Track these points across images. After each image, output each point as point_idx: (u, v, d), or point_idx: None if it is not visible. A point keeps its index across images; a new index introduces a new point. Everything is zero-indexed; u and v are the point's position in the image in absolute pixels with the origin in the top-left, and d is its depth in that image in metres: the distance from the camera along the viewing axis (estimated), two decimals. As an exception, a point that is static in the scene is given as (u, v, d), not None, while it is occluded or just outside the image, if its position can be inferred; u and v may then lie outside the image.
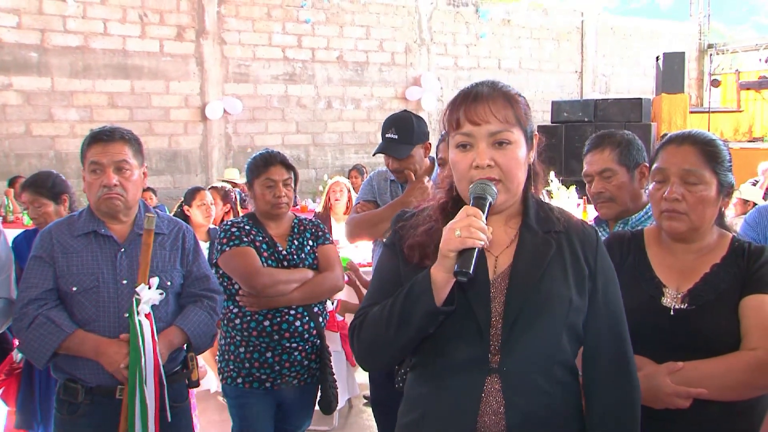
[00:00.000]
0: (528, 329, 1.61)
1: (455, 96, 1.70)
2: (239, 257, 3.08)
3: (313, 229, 3.32)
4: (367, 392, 4.66)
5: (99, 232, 2.63)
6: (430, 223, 1.70)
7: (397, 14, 12.46)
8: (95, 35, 9.73)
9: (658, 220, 2.07)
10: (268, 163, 3.21)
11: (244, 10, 10.97)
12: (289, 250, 3.20)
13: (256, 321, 3.11)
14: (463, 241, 1.49)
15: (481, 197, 1.58)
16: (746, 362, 1.85)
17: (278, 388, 3.15)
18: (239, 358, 3.14)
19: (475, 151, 1.63)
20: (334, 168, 11.62)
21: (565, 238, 1.70)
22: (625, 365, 1.70)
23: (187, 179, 10.39)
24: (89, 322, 2.55)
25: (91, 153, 2.61)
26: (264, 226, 3.22)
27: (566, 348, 1.66)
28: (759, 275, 1.95)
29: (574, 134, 12.00)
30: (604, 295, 1.70)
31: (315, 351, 3.22)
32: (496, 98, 1.65)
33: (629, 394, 1.70)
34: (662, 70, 13.19)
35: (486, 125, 1.62)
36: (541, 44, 14.33)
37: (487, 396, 1.60)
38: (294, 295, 3.11)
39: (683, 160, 1.98)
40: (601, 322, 1.69)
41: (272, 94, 11.25)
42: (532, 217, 1.72)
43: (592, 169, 2.67)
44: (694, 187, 1.97)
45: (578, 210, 7.31)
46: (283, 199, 3.19)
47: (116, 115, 9.83)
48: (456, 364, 1.64)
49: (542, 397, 1.62)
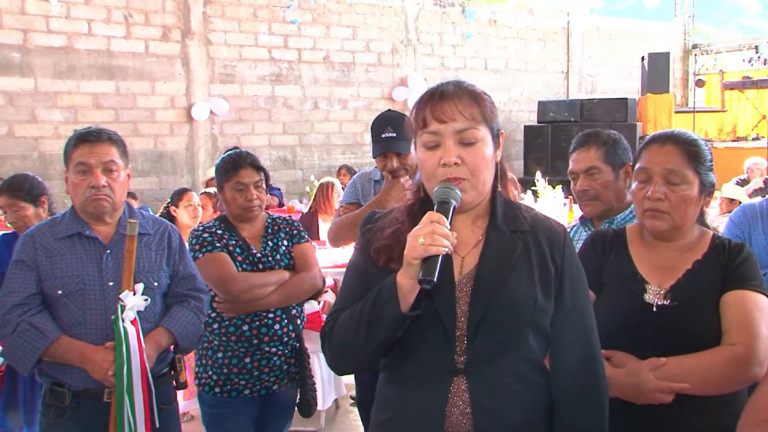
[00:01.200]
0: (493, 330, 1.61)
1: (420, 96, 1.71)
2: (213, 264, 3.00)
3: (287, 228, 3.25)
4: (354, 392, 4.65)
5: (83, 233, 2.61)
6: (396, 226, 1.70)
7: (383, 15, 12.45)
8: (79, 35, 9.65)
9: (640, 218, 2.09)
10: (237, 165, 3.14)
11: (230, 11, 10.93)
12: (264, 252, 3.13)
13: (235, 326, 3.05)
14: (427, 249, 1.48)
15: (445, 201, 1.58)
16: (726, 357, 1.88)
17: (257, 395, 3.09)
18: (217, 364, 3.07)
19: (442, 149, 1.63)
20: (320, 169, 11.59)
21: (532, 238, 1.70)
22: (593, 364, 1.71)
23: (173, 180, 10.33)
24: (76, 325, 2.52)
25: (77, 154, 2.58)
26: (237, 228, 3.14)
27: (533, 347, 1.66)
28: (739, 272, 1.98)
29: (561, 134, 12.08)
30: (571, 293, 1.70)
31: (294, 354, 3.17)
32: (462, 96, 1.65)
33: (596, 393, 1.70)
34: (647, 71, 13.27)
35: (452, 123, 1.62)
36: (528, 45, 14.36)
37: (453, 397, 1.61)
38: (271, 299, 3.05)
39: (666, 159, 2.01)
40: (568, 321, 1.69)
41: (258, 94, 11.20)
42: (499, 216, 1.72)
43: (578, 167, 2.68)
44: (676, 186, 2.00)
45: (564, 210, 7.33)
46: (255, 202, 3.12)
47: (101, 116, 9.75)
48: (422, 366, 1.65)
49: (509, 396, 1.62)
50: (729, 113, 15.89)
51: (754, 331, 1.89)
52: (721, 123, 15.68)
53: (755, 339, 1.88)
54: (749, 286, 1.97)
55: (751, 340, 1.88)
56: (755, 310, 1.93)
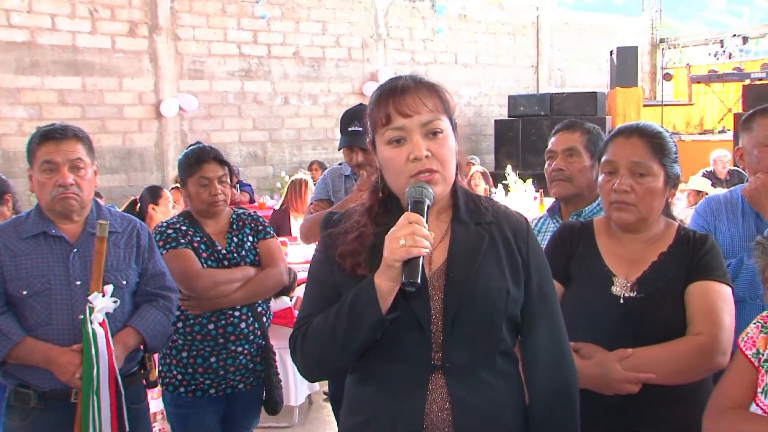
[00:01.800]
0: (468, 324, 1.61)
1: (377, 93, 1.67)
2: (177, 260, 2.96)
3: (252, 223, 3.20)
4: (327, 388, 4.64)
5: (49, 232, 2.56)
6: (360, 229, 1.67)
7: (353, 9, 12.41)
8: (42, 30, 9.48)
9: (607, 210, 2.11)
10: (200, 160, 3.08)
11: (198, 6, 10.82)
12: (229, 248, 3.09)
13: (200, 324, 3.01)
14: (409, 251, 1.47)
15: (419, 201, 1.56)
16: (691, 347, 1.92)
17: (223, 393, 3.06)
18: (182, 363, 3.03)
19: (410, 144, 1.60)
20: (291, 164, 11.54)
21: (497, 229, 1.69)
22: (561, 350, 1.72)
23: (142, 177, 10.21)
24: (42, 325, 2.48)
25: (42, 152, 2.53)
26: (201, 224, 3.10)
27: (506, 338, 1.67)
28: (703, 262, 2.02)
29: (531, 128, 12.15)
30: (538, 282, 1.71)
31: (260, 353, 3.15)
32: (422, 88, 1.64)
33: (566, 379, 1.71)
34: (616, 65, 13.39)
35: (417, 116, 1.60)
36: (498, 39, 14.41)
37: (432, 394, 1.60)
38: (236, 295, 3.02)
39: (631, 152, 2.03)
40: (536, 310, 1.70)
41: (228, 90, 11.11)
42: (462, 209, 1.71)
43: (558, 147, 2.69)
44: (642, 178, 2.02)
45: (535, 203, 7.38)
46: (219, 197, 3.07)
47: (67, 112, 9.60)
48: (399, 365, 1.63)
49: (486, 389, 1.62)
50: (696, 106, 16.10)
51: (717, 320, 1.93)
52: (688, 116, 15.90)
53: (719, 328, 1.92)
54: (713, 277, 2.00)
55: (715, 330, 1.92)
56: (719, 300, 1.97)
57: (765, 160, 2.49)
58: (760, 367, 1.80)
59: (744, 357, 1.84)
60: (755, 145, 2.52)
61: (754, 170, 2.55)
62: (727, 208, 2.64)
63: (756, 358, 1.81)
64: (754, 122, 2.55)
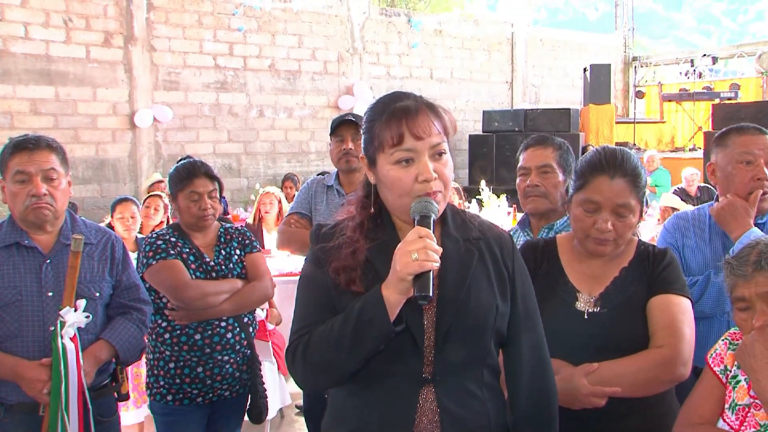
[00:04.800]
0: (460, 338, 1.64)
1: (387, 112, 1.66)
2: (166, 270, 2.99)
3: (239, 237, 3.26)
4: (299, 401, 4.63)
5: (22, 243, 2.54)
6: (352, 246, 1.68)
7: (329, 23, 12.46)
8: (15, 39, 9.39)
9: (582, 241, 2.13)
10: (191, 174, 3.13)
11: (174, 17, 10.79)
12: (217, 260, 3.14)
13: (187, 335, 3.03)
14: (422, 265, 1.49)
15: (427, 216, 1.59)
16: (654, 360, 1.96)
17: (209, 401, 3.09)
18: (169, 374, 3.05)
19: (418, 165, 1.62)
20: (266, 177, 11.51)
21: (485, 245, 1.73)
22: (542, 363, 1.76)
23: (115, 188, 10.13)
24: (11, 337, 2.46)
25: (15, 162, 2.51)
26: (190, 237, 3.15)
27: (493, 352, 1.71)
28: (663, 276, 2.07)
29: (505, 143, 12.24)
30: (522, 297, 1.75)
31: (246, 362, 3.17)
32: (430, 111, 1.66)
33: (547, 390, 1.75)
34: (589, 82, 13.59)
35: (428, 138, 1.63)
36: (473, 54, 14.54)
37: (422, 406, 1.63)
38: (224, 307, 3.05)
39: (617, 195, 2.05)
40: (521, 324, 1.74)
41: (203, 102, 11.08)
42: (451, 224, 1.74)
43: (532, 163, 2.71)
44: (624, 218, 2.06)
45: (508, 218, 7.42)
46: (209, 212, 3.12)
47: (39, 122, 9.51)
48: (390, 378, 1.65)
49: (474, 402, 1.66)
50: (668, 124, 16.37)
51: (678, 332, 1.98)
52: (660, 133, 16.14)
53: (680, 340, 1.96)
54: (673, 290, 2.05)
55: (676, 342, 1.96)
56: (679, 312, 2.01)
57: (739, 177, 2.54)
58: (728, 383, 1.84)
59: (712, 373, 1.88)
60: (729, 162, 2.57)
61: (726, 186, 2.60)
62: (695, 225, 2.69)
63: (724, 375, 1.85)
64: (729, 139, 2.60)
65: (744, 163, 2.54)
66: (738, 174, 2.55)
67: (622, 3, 18.14)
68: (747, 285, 1.79)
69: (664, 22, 27.95)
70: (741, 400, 1.78)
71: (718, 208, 2.56)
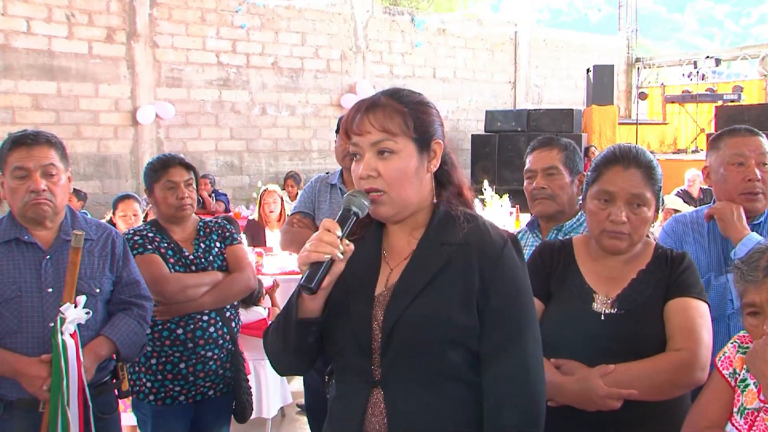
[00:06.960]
0: (406, 344, 1.59)
1: (355, 105, 1.71)
2: (144, 265, 2.96)
3: (219, 230, 3.24)
4: (301, 400, 4.61)
5: (21, 239, 2.52)
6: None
7: (332, 21, 12.44)
8: (17, 34, 9.37)
9: (597, 236, 2.11)
10: (166, 165, 3.13)
11: (178, 14, 10.78)
12: (196, 253, 3.13)
13: (169, 330, 3.02)
14: (308, 256, 1.51)
15: (347, 209, 1.59)
16: (672, 363, 1.93)
17: (192, 401, 3.06)
18: (151, 370, 3.03)
19: (362, 161, 1.64)
20: (268, 175, 11.50)
21: (462, 252, 1.62)
22: (525, 376, 1.59)
23: (116, 185, 10.13)
24: (11, 333, 2.44)
25: (14, 158, 2.49)
26: (168, 231, 3.14)
27: (459, 364, 1.60)
28: (681, 280, 2.05)
29: (508, 143, 12.23)
30: (501, 311, 1.60)
31: (229, 359, 3.15)
32: (383, 107, 1.63)
33: (530, 405, 1.59)
34: (592, 83, 13.58)
35: (367, 135, 1.62)
36: (476, 54, 14.53)
37: (372, 407, 1.62)
38: (204, 299, 3.04)
39: (631, 184, 2.04)
40: (496, 335, 1.60)
41: (206, 99, 11.07)
42: (434, 228, 1.67)
43: (538, 166, 2.70)
44: (638, 209, 2.05)
45: (511, 219, 7.41)
46: (186, 201, 3.10)
47: (41, 117, 9.49)
48: (348, 377, 1.68)
49: (429, 412, 1.58)
50: (670, 126, 16.36)
51: (697, 336, 1.95)
52: (662, 135, 16.13)
53: (698, 344, 1.94)
54: (691, 294, 2.03)
55: (694, 346, 1.94)
56: (697, 316, 1.99)
57: (731, 179, 2.55)
58: (736, 387, 1.82)
59: (721, 377, 1.86)
60: (721, 164, 2.58)
61: (719, 188, 2.61)
62: (693, 228, 2.68)
63: (732, 378, 1.83)
64: (722, 142, 2.61)
65: (736, 165, 2.54)
66: (730, 176, 2.55)
67: (625, 4, 18.14)
68: (758, 290, 1.77)
69: (667, 24, 27.98)
70: (750, 404, 1.77)
71: (717, 219, 2.55)
